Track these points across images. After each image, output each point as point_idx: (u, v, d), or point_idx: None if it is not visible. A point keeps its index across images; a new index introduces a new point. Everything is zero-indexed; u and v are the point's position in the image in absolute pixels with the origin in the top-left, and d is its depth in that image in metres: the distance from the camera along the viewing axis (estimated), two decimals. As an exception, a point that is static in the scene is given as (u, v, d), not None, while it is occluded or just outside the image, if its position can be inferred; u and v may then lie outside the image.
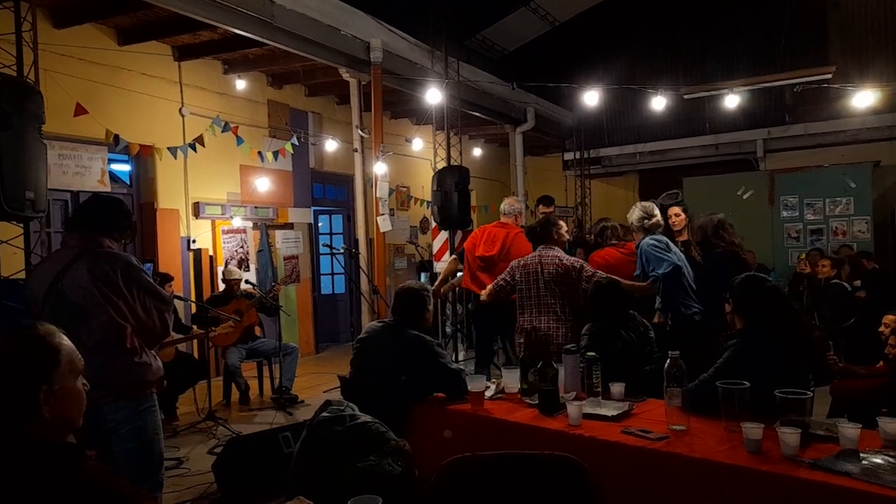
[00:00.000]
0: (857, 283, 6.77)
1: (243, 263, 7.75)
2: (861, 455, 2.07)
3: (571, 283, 4.10)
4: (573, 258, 4.31)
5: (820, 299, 6.68)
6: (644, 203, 4.46)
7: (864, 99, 8.70)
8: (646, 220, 4.28)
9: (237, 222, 7.75)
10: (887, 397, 3.59)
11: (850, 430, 2.15)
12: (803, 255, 7.99)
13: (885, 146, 10.30)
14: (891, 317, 4.14)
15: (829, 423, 2.37)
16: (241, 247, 7.83)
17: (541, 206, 6.52)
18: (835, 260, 7.09)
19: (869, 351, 4.64)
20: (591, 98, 8.81)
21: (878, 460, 2.03)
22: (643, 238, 4.26)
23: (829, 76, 8.91)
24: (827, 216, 9.36)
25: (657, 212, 4.36)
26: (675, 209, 4.74)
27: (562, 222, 4.43)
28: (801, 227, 9.44)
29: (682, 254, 4.34)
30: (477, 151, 11.92)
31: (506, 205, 5.31)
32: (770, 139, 11.40)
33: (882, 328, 4.17)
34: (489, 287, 4.43)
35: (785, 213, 9.51)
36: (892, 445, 2.16)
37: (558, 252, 4.22)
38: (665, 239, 4.28)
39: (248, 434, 4.34)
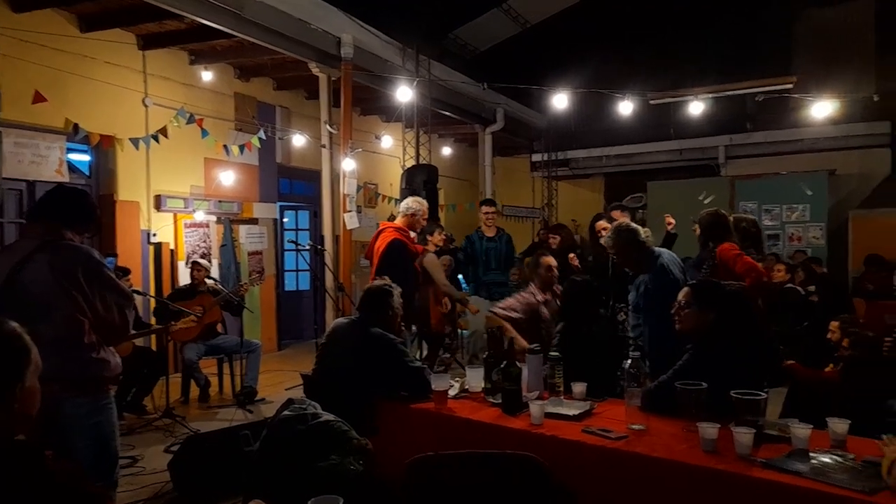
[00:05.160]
0: (812, 287, 6.97)
1: (205, 258, 7.60)
2: (811, 455, 2.14)
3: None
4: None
5: (776, 304, 6.85)
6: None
7: (822, 109, 8.96)
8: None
9: (200, 216, 7.60)
10: (838, 399, 3.71)
11: (801, 431, 2.22)
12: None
13: (841, 155, 10.64)
14: (836, 323, 4.29)
15: (782, 424, 2.43)
16: (204, 241, 7.68)
17: (484, 208, 6.62)
18: (789, 265, 7.29)
19: (822, 354, 4.78)
20: (560, 101, 8.88)
21: (826, 460, 2.10)
22: None
23: (791, 86, 9.16)
24: (784, 222, 9.61)
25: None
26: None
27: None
28: (760, 232, 9.65)
29: None
30: (446, 151, 11.93)
31: (402, 202, 5.09)
32: (732, 146, 11.66)
33: (830, 334, 4.32)
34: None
35: (744, 219, 9.68)
36: (840, 445, 2.24)
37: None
38: None
39: (207, 432, 4.27)
